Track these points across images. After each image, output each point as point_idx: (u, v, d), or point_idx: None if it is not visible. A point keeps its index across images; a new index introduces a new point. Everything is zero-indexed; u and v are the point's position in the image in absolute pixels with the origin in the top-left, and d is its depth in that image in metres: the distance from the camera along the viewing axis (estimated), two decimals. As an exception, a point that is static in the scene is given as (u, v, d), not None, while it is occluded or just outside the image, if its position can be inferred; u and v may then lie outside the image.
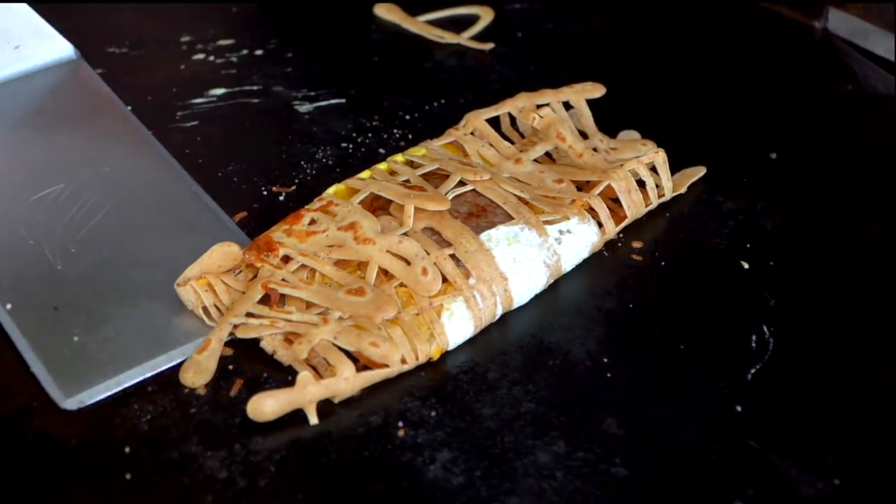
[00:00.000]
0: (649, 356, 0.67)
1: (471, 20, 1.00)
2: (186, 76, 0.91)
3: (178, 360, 0.65)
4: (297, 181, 0.79)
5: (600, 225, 0.74)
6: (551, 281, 0.72)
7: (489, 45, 0.95)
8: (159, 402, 0.63)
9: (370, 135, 0.84)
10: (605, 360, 0.67)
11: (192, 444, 0.61)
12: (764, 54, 0.97)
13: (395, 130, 0.84)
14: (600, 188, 0.75)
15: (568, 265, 0.72)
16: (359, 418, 0.63)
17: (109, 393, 0.63)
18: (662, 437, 0.62)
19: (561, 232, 0.72)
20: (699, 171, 0.80)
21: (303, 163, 0.81)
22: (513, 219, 0.71)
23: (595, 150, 0.79)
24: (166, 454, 0.60)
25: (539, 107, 0.80)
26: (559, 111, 0.81)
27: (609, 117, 0.83)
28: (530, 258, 0.70)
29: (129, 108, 0.85)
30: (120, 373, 0.64)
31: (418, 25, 0.98)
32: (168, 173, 0.78)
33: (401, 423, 0.62)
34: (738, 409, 0.64)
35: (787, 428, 0.63)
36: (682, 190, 0.79)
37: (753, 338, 0.69)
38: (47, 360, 0.64)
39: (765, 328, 0.69)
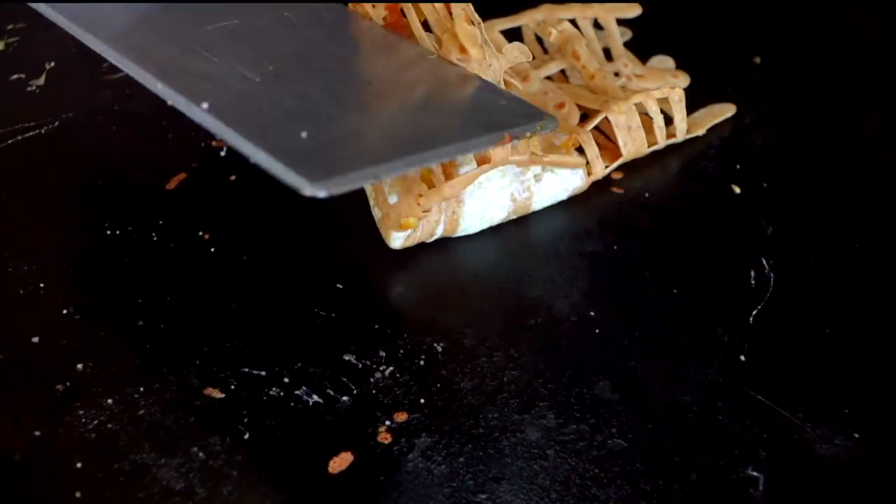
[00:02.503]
0: (640, 305, 0.62)
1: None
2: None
3: (441, 160, 0.56)
4: (238, 133, 0.73)
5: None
6: (512, 217, 0.66)
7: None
8: (104, 404, 0.58)
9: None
10: (592, 313, 0.62)
11: (144, 451, 0.56)
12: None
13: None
14: (595, 121, 0.69)
15: (539, 205, 0.67)
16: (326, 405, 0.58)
17: (365, 182, 0.53)
18: (661, 398, 0.58)
19: (544, 168, 0.66)
20: (726, 111, 0.74)
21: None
22: None
23: (617, 74, 0.73)
24: (118, 465, 0.55)
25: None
26: (585, 28, 0.74)
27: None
28: (499, 186, 0.65)
29: (52, 63, 0.79)
30: (377, 164, 0.52)
31: None
32: (364, 23, 0.66)
33: (373, 410, 0.57)
34: (742, 358, 0.59)
35: (797, 377, 0.58)
36: (700, 132, 0.73)
37: (752, 274, 0.64)
38: (274, 148, 0.51)
39: (763, 261, 0.64)
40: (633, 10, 0.76)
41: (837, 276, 0.64)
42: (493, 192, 0.65)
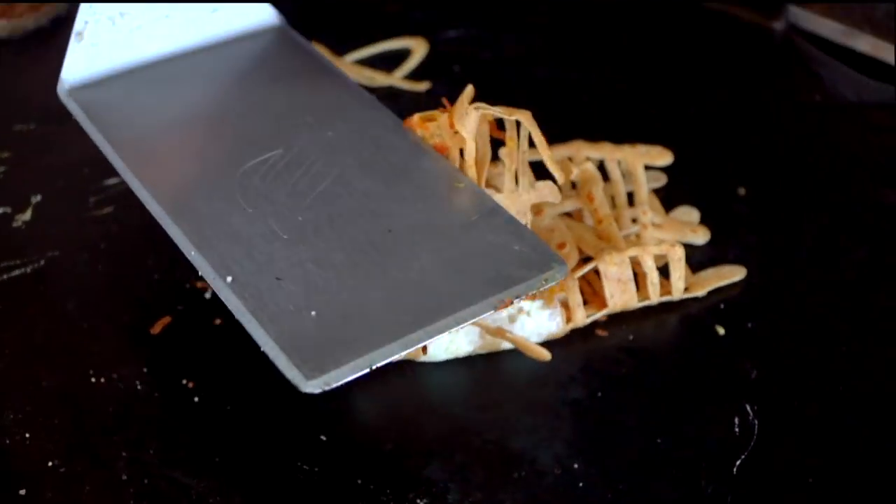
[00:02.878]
0: (624, 455, 0.63)
1: (403, 56, 0.94)
2: (98, 151, 0.84)
3: (436, 337, 0.57)
4: (223, 274, 0.74)
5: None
6: (480, 352, 0.67)
7: (424, 85, 0.90)
8: None
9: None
10: (576, 465, 0.62)
11: None
12: (722, 65, 0.92)
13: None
14: (584, 270, 0.69)
15: (507, 346, 0.68)
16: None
17: (359, 374, 0.54)
18: (645, 558, 0.57)
19: (519, 310, 0.66)
20: (735, 273, 0.73)
21: (229, 250, 0.75)
22: None
23: (634, 221, 0.74)
24: None
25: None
26: (612, 170, 0.76)
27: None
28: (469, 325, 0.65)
29: (39, 197, 0.79)
30: (373, 349, 0.55)
31: (346, 67, 0.92)
32: (398, 136, 0.69)
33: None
34: (726, 513, 0.59)
35: (782, 534, 0.58)
36: (701, 293, 0.72)
37: (736, 420, 0.64)
38: (280, 337, 0.56)
39: (748, 407, 0.65)
40: (664, 158, 0.78)
41: (824, 421, 0.64)
42: (462, 330, 0.66)
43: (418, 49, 0.94)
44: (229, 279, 0.58)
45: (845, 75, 0.90)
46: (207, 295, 0.72)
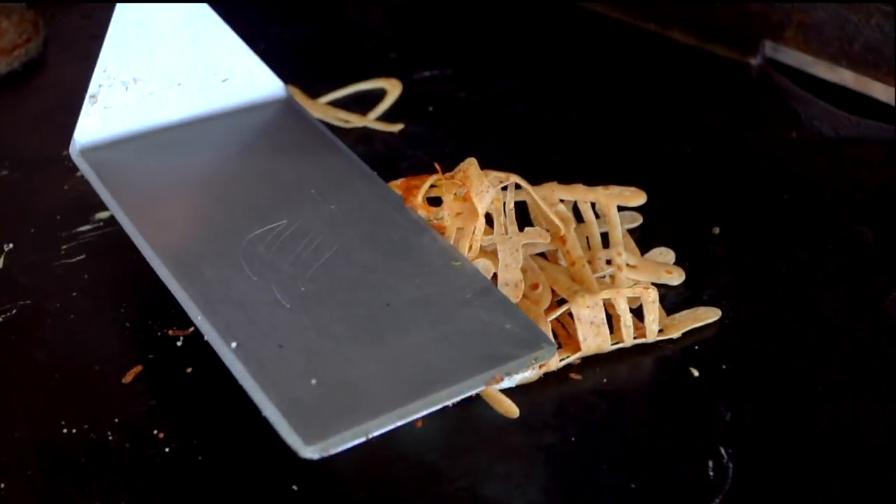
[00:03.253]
0: (599, 501, 0.62)
1: (377, 96, 0.94)
2: (71, 198, 0.85)
3: (431, 409, 0.60)
4: (195, 321, 0.73)
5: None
6: None
7: (398, 127, 0.90)
8: None
9: (272, 244, 0.78)
10: (550, 512, 0.62)
11: None
12: (698, 102, 0.92)
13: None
14: (557, 313, 0.69)
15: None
16: None
17: (356, 442, 0.57)
18: None
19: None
20: (709, 315, 0.73)
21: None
22: None
23: (609, 262, 0.74)
24: None
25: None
26: (585, 212, 0.77)
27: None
28: None
29: (11, 245, 0.79)
30: (371, 418, 0.58)
31: (320, 109, 0.92)
32: (398, 213, 0.72)
33: None
34: (701, 560, 0.59)
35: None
36: (675, 334, 0.72)
37: (710, 464, 0.64)
38: (281, 402, 0.58)
39: (722, 450, 0.64)
40: (637, 199, 0.78)
41: (799, 464, 0.63)
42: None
43: (393, 90, 0.94)
44: (234, 345, 0.61)
45: (822, 110, 0.90)
46: (179, 343, 0.72)
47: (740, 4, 0.93)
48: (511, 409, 0.66)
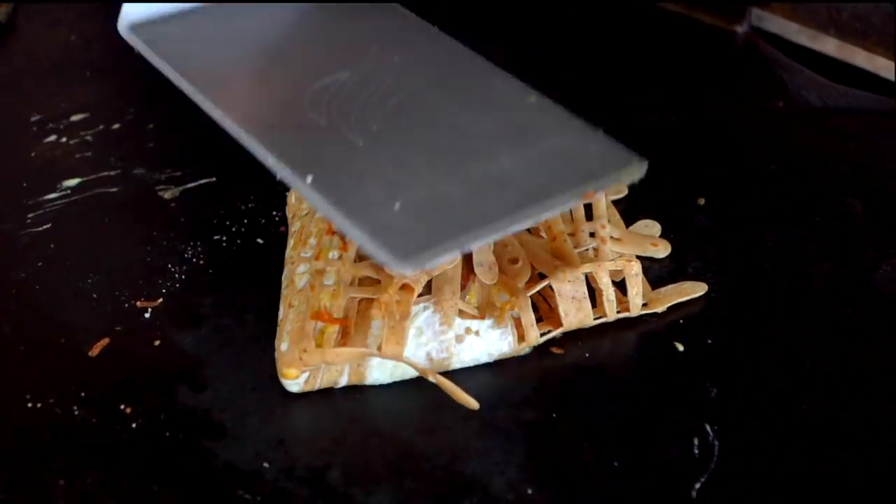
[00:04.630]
0: (580, 481, 0.60)
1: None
2: (38, 165, 0.82)
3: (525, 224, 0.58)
4: (163, 291, 0.71)
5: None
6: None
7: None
8: None
9: (245, 220, 0.76)
10: (530, 490, 0.60)
11: None
12: (683, 71, 0.90)
13: (275, 213, 0.77)
14: (537, 287, 0.67)
15: (459, 366, 0.66)
16: None
17: (449, 256, 0.56)
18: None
19: (467, 330, 0.64)
20: (695, 290, 0.71)
21: (170, 266, 0.73)
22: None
23: (593, 235, 0.71)
24: None
25: None
26: None
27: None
28: (415, 344, 0.64)
29: None
30: (463, 233, 0.56)
31: None
32: (465, 58, 0.69)
33: None
34: (685, 540, 0.57)
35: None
36: (660, 309, 0.69)
37: (696, 441, 0.62)
38: (366, 224, 0.56)
39: (707, 427, 0.63)
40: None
41: (786, 441, 0.62)
42: (407, 350, 0.64)
43: None
44: (309, 179, 0.58)
45: (809, 80, 0.88)
46: (147, 315, 0.70)
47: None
48: (470, 402, 0.63)
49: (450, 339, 0.65)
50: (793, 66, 0.90)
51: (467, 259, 0.67)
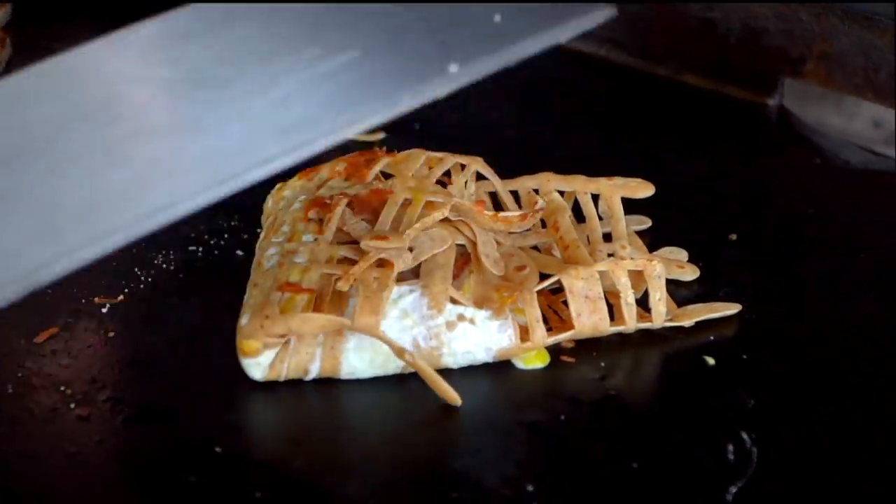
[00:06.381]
0: (590, 479, 0.50)
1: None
2: None
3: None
4: (126, 290, 0.63)
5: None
6: (412, 370, 0.54)
7: (379, 135, 0.79)
8: None
9: (226, 235, 0.68)
10: (530, 487, 0.49)
11: None
12: (712, 140, 0.82)
13: (258, 229, 0.68)
14: (545, 284, 0.58)
15: (452, 361, 0.56)
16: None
17: None
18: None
19: (460, 317, 0.55)
20: (728, 308, 0.61)
21: (136, 269, 0.64)
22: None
23: (612, 256, 0.61)
24: None
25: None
26: (585, 205, 0.65)
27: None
28: (398, 328, 0.54)
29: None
30: None
31: None
32: None
33: None
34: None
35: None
36: (687, 323, 0.60)
37: (730, 448, 0.51)
38: None
39: (744, 435, 0.52)
40: (644, 190, 0.66)
41: (829, 450, 0.52)
42: (390, 335, 0.54)
43: None
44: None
45: (847, 145, 0.80)
46: (105, 309, 0.61)
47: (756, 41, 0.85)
48: (451, 394, 0.53)
49: (439, 325, 0.55)
50: (830, 133, 0.82)
51: (449, 249, 0.58)
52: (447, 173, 0.65)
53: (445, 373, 0.55)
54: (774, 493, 0.49)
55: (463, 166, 0.65)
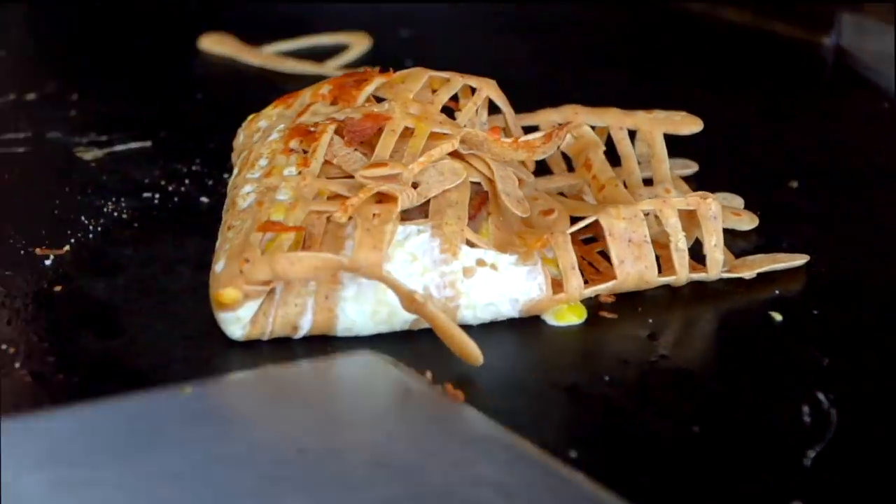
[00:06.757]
0: (644, 443, 0.50)
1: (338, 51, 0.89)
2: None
3: None
4: (72, 241, 0.64)
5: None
6: (422, 326, 0.54)
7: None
8: None
9: (187, 181, 0.69)
10: (573, 454, 0.49)
11: None
12: (757, 81, 0.84)
13: (226, 175, 0.69)
14: (580, 225, 0.58)
15: (471, 314, 0.56)
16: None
17: None
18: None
19: (480, 262, 0.55)
20: (794, 259, 0.62)
21: (83, 218, 0.66)
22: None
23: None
24: None
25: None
26: (620, 142, 0.65)
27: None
28: (406, 273, 0.54)
29: None
30: None
31: (262, 57, 0.88)
32: None
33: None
34: (799, 507, 0.47)
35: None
36: (748, 274, 0.60)
37: (806, 410, 0.52)
38: None
39: (821, 396, 0.53)
40: (691, 125, 0.66)
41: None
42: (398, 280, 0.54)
43: (359, 44, 0.89)
44: None
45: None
46: (48, 261, 0.61)
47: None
48: (474, 352, 0.52)
49: (455, 270, 0.54)
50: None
51: (462, 185, 0.58)
52: (454, 98, 0.64)
53: (464, 331, 0.55)
54: (857, 456, 0.50)
55: (473, 90, 0.64)
